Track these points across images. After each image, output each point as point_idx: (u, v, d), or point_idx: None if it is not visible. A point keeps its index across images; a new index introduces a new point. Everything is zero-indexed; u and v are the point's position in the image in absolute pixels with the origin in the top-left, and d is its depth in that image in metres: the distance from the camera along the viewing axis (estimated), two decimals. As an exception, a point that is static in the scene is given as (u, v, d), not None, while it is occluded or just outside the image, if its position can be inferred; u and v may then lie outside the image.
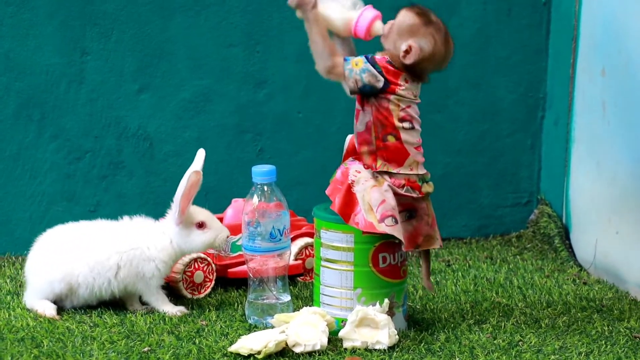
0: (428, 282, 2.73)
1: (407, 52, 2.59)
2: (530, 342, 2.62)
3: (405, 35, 2.60)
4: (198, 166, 2.77)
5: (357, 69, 2.58)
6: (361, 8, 2.64)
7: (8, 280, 3.05)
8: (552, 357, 2.53)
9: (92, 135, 3.38)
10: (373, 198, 2.59)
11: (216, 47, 3.41)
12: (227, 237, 2.82)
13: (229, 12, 3.41)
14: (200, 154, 2.80)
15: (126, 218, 2.84)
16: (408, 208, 2.65)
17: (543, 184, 3.62)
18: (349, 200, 2.60)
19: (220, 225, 2.82)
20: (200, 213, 2.80)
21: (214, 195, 3.34)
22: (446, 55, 2.64)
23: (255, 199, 2.73)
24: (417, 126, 2.64)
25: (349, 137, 2.72)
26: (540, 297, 2.97)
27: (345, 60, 2.60)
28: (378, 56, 2.62)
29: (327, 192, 2.65)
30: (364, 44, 2.71)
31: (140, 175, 3.42)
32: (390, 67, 2.59)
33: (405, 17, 2.61)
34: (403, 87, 2.60)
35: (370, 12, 2.63)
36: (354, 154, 2.69)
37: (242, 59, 3.44)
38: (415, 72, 2.61)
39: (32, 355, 2.46)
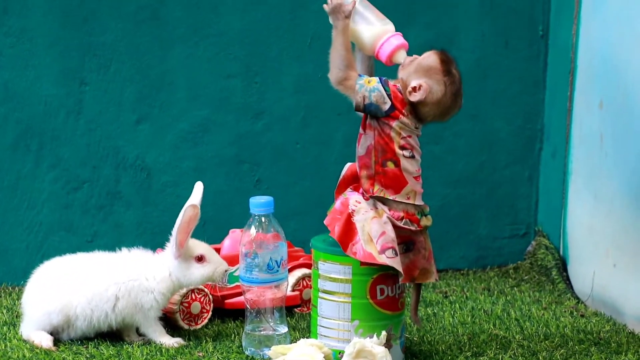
0: (415, 317, 2.72)
1: (415, 89, 2.60)
2: (528, 375, 2.62)
3: (420, 73, 2.61)
4: (196, 200, 2.77)
5: (368, 86, 2.60)
6: (391, 33, 2.65)
7: (4, 311, 3.04)
8: (550, 390, 2.52)
9: (90, 165, 3.38)
10: (373, 229, 2.59)
11: (215, 77, 3.42)
12: (226, 271, 2.81)
13: (228, 43, 3.42)
14: (198, 188, 2.80)
15: (124, 250, 2.83)
16: (406, 241, 2.65)
17: (540, 216, 3.62)
18: (348, 229, 2.61)
19: (219, 259, 2.81)
20: (200, 246, 2.80)
21: (211, 226, 3.34)
22: (451, 108, 2.65)
23: (253, 230, 2.73)
24: (417, 156, 2.65)
25: (348, 164, 2.73)
26: (538, 329, 2.97)
27: (359, 75, 2.61)
28: (391, 82, 2.63)
29: (325, 222, 2.65)
30: (382, 66, 2.72)
31: (138, 205, 3.42)
32: (399, 94, 2.61)
33: (429, 57, 2.63)
34: (406, 116, 2.61)
35: (397, 39, 2.65)
36: (351, 182, 2.69)
37: (240, 90, 3.45)
38: (417, 111, 2.62)
39: (28, 386, 2.45)
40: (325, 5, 2.67)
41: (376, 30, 2.66)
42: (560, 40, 3.50)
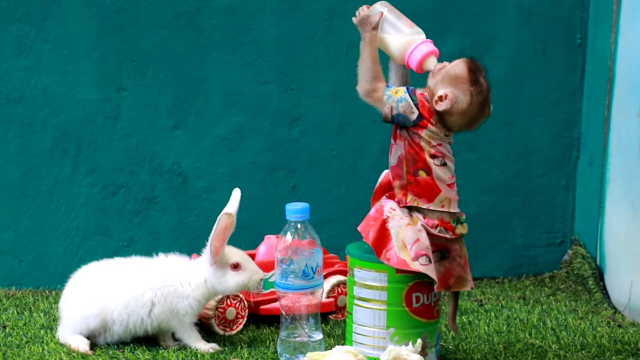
0: (453, 324, 2.71)
1: (441, 98, 2.59)
2: (565, 385, 2.60)
3: (447, 82, 2.60)
4: (232, 208, 2.77)
5: (396, 97, 2.59)
6: (421, 40, 2.65)
7: (42, 315, 3.06)
8: (587, 400, 2.51)
9: (127, 170, 3.40)
10: (407, 236, 2.59)
11: (251, 84, 3.43)
12: (261, 279, 2.81)
13: (264, 49, 3.43)
14: (236, 195, 2.80)
15: (161, 255, 2.84)
16: (441, 249, 2.64)
17: (577, 225, 3.60)
18: (383, 235, 2.60)
19: (255, 267, 2.81)
20: (236, 254, 2.80)
21: (246, 232, 3.35)
22: (477, 118, 2.62)
23: (289, 236, 2.73)
24: (449, 163, 2.64)
25: (384, 172, 2.72)
26: (574, 339, 2.95)
27: (387, 86, 2.61)
28: (419, 91, 2.62)
29: (359, 228, 2.65)
30: (416, 74, 2.71)
31: (174, 210, 3.43)
32: (426, 103, 2.60)
33: (457, 66, 2.61)
34: (434, 125, 2.60)
35: (427, 46, 2.63)
36: (387, 190, 2.69)
37: (276, 96, 3.45)
38: (444, 120, 2.61)
39: (65, 390, 2.46)
40: (353, 18, 2.67)
41: (406, 39, 2.65)
42: (599, 48, 3.49)
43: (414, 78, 2.74)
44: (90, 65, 3.34)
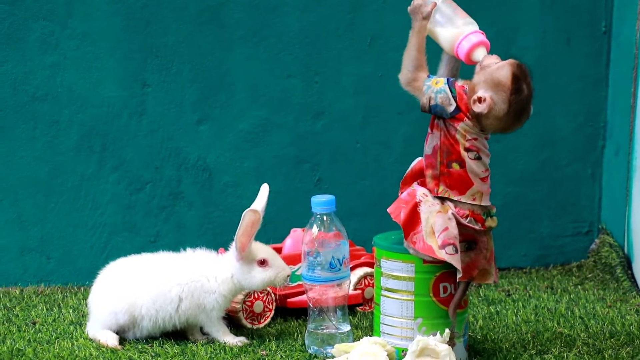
0: (453, 312, 2.66)
1: (480, 100, 2.57)
2: (594, 373, 2.59)
3: (489, 85, 2.56)
4: (260, 204, 2.77)
5: (435, 88, 2.57)
6: (471, 30, 2.62)
7: (70, 311, 3.08)
8: (617, 388, 2.50)
9: (153, 166, 3.41)
10: (437, 223, 2.58)
11: (275, 78, 3.44)
12: (288, 275, 2.81)
13: (288, 43, 3.43)
14: (264, 190, 2.80)
15: (189, 250, 2.85)
16: (468, 239, 2.63)
17: (604, 214, 3.59)
18: (413, 217, 2.60)
19: (282, 263, 2.81)
20: (263, 250, 2.80)
21: (272, 225, 3.36)
22: (513, 126, 2.59)
23: (315, 228, 2.73)
24: (484, 157, 2.62)
25: (418, 159, 2.71)
26: (603, 327, 2.94)
27: (428, 76, 2.60)
28: (459, 82, 2.60)
29: (389, 209, 2.64)
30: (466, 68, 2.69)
31: (200, 205, 3.44)
32: (464, 96, 2.58)
33: (502, 70, 2.56)
34: (470, 119, 2.58)
35: (477, 37, 2.60)
36: (419, 177, 2.68)
37: (300, 90, 3.46)
38: (479, 120, 2.59)
39: (95, 384, 2.48)
40: (408, 7, 2.64)
41: (457, 30, 2.62)
42: (623, 36, 3.47)
43: (464, 72, 2.71)
44: (115, 62, 3.36)
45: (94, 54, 3.34)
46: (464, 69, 2.70)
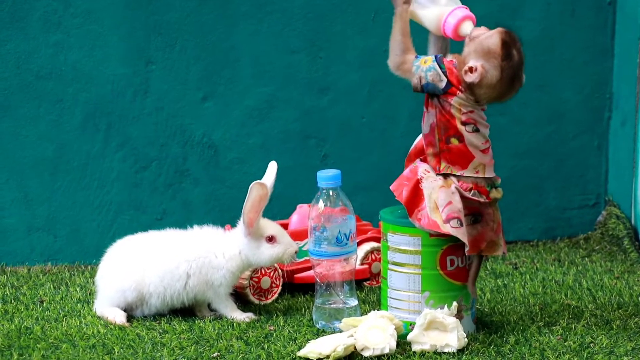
0: (472, 288, 2.68)
1: (471, 70, 2.56)
2: (602, 344, 2.59)
3: (479, 54, 2.56)
4: (269, 179, 2.77)
5: (424, 67, 2.57)
6: (455, 6, 2.61)
7: (78, 289, 3.08)
8: (625, 358, 2.49)
9: (158, 144, 3.41)
10: (440, 198, 2.58)
11: (279, 53, 3.43)
12: (296, 252, 2.81)
13: (292, 18, 3.42)
14: (272, 167, 2.80)
15: (196, 227, 2.85)
16: (474, 212, 2.63)
17: (611, 185, 3.58)
18: (416, 195, 2.60)
19: (290, 240, 2.81)
20: (271, 227, 2.80)
21: (278, 202, 3.35)
22: (507, 92, 2.59)
23: (321, 203, 2.73)
24: (482, 129, 2.62)
25: (420, 136, 2.71)
26: (611, 298, 2.93)
27: (416, 57, 2.59)
28: (448, 57, 2.60)
29: (392, 187, 2.64)
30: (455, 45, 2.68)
31: (206, 182, 3.44)
32: (454, 70, 2.58)
33: (491, 38, 2.56)
34: (463, 92, 2.58)
35: (462, 11, 2.60)
36: (422, 153, 2.68)
37: (305, 65, 3.45)
38: (472, 91, 2.58)
39: (104, 361, 2.48)
40: None
41: (441, 8, 2.62)
42: (628, 7, 3.45)
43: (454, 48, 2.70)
44: (119, 40, 3.35)
45: (98, 32, 3.34)
46: (453, 46, 2.69)
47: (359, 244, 3.06)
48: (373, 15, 3.45)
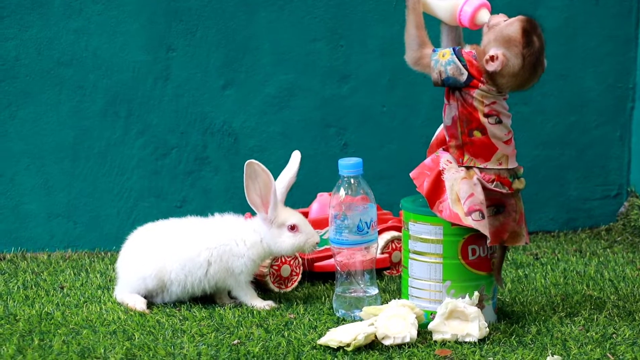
0: (498, 277, 2.67)
1: (492, 58, 2.53)
2: (625, 335, 2.57)
3: (500, 42, 2.53)
4: (292, 169, 2.77)
5: (443, 60, 2.55)
6: None
7: (98, 275, 3.08)
8: (648, 349, 2.48)
9: (178, 131, 3.41)
10: (462, 190, 2.56)
11: (300, 41, 3.42)
12: (317, 242, 2.81)
13: (313, 6, 3.41)
14: (295, 157, 2.80)
15: (217, 215, 2.84)
16: (496, 203, 2.61)
17: (633, 176, 3.56)
18: (437, 187, 2.58)
19: (312, 229, 2.80)
20: (293, 216, 2.79)
21: (299, 190, 3.33)
22: (529, 80, 2.56)
23: (342, 192, 2.72)
24: (505, 120, 2.59)
25: (441, 126, 2.69)
26: (633, 289, 2.92)
27: (433, 51, 2.57)
28: (466, 49, 2.58)
29: (411, 174, 2.63)
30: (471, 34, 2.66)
31: (226, 170, 3.44)
32: (474, 62, 2.55)
33: (512, 26, 2.53)
34: (485, 84, 2.56)
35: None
36: (444, 144, 2.66)
37: (326, 54, 3.43)
38: (494, 80, 2.56)
39: (125, 347, 2.48)
40: None
41: (454, 0, 2.60)
42: (652, -4, 3.42)
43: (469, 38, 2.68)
44: (140, 26, 3.34)
45: (118, 19, 3.33)
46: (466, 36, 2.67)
47: (379, 233, 3.05)
48: (395, 3, 3.43)
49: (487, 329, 2.56)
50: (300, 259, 2.97)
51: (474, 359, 2.42)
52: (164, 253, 2.78)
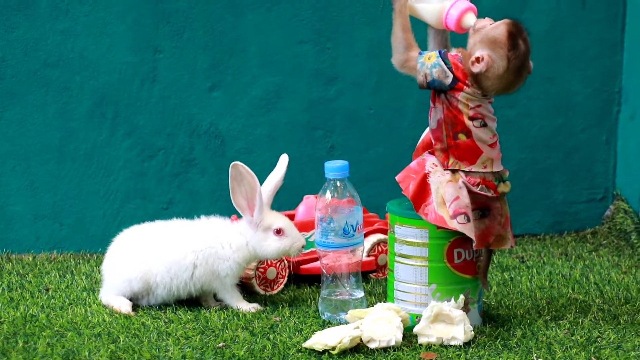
0: (484, 280, 2.67)
1: (478, 60, 2.54)
2: (609, 338, 2.58)
3: (485, 44, 2.54)
4: (279, 172, 2.77)
5: (429, 63, 2.56)
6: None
7: (84, 277, 3.08)
8: (632, 353, 2.48)
9: (165, 133, 3.40)
10: (447, 193, 2.57)
11: (287, 44, 3.42)
12: (303, 246, 2.81)
13: (300, 8, 3.41)
14: (283, 160, 2.80)
15: (203, 217, 2.84)
16: (481, 206, 2.62)
17: (619, 180, 3.57)
18: (423, 190, 2.59)
19: (298, 234, 2.80)
20: (279, 220, 2.79)
21: (285, 192, 3.33)
22: (514, 83, 2.57)
23: (328, 194, 2.72)
24: (490, 123, 2.60)
25: (427, 129, 2.70)
26: (618, 293, 2.92)
27: (420, 54, 2.58)
28: (452, 52, 2.58)
29: (397, 177, 2.63)
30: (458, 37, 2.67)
31: (212, 172, 3.43)
32: (460, 65, 2.56)
33: (497, 28, 2.54)
34: (470, 86, 2.56)
35: (464, 3, 2.58)
36: (430, 147, 2.67)
37: (312, 56, 3.43)
38: (479, 83, 2.57)
39: (109, 350, 2.47)
40: None
41: (442, 2, 2.60)
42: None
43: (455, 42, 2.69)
44: (127, 28, 3.34)
45: (105, 20, 3.32)
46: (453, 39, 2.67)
47: (365, 235, 3.05)
48: (381, 6, 3.44)
49: (473, 333, 2.56)
50: (286, 262, 2.97)
51: (459, 362, 2.43)
52: (149, 255, 2.77)
